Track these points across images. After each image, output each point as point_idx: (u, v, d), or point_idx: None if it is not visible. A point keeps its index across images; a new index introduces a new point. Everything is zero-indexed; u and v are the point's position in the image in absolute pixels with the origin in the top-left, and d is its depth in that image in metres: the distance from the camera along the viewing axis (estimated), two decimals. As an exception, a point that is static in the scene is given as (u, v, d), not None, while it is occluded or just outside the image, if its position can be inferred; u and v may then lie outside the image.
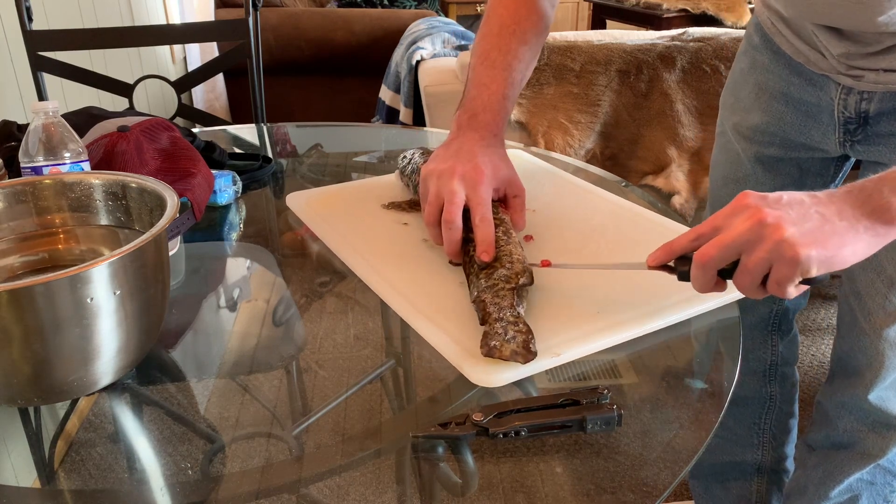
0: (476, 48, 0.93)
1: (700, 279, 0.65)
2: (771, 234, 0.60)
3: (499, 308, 0.67)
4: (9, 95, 1.59)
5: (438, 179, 0.80)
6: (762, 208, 0.62)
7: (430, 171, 0.82)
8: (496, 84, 0.89)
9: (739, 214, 0.63)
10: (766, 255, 0.61)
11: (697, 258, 0.64)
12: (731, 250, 0.63)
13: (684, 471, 0.56)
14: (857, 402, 1.04)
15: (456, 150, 0.84)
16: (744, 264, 0.62)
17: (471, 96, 0.90)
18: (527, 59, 0.93)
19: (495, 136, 0.87)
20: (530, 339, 0.64)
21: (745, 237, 0.61)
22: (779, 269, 0.61)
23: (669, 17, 3.28)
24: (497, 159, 0.84)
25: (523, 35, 0.92)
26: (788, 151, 1.04)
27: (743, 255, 0.62)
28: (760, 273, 0.62)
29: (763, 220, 0.61)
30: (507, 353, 0.63)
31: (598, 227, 0.90)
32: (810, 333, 2.16)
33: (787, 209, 0.62)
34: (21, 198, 0.72)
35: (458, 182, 0.79)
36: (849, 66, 0.90)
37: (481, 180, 0.79)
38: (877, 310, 0.98)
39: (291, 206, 0.99)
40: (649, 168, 2.04)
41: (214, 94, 3.14)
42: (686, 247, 0.67)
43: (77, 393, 0.63)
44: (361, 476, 0.56)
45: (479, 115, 0.88)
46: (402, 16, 3.09)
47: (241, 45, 1.65)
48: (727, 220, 0.64)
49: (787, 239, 0.60)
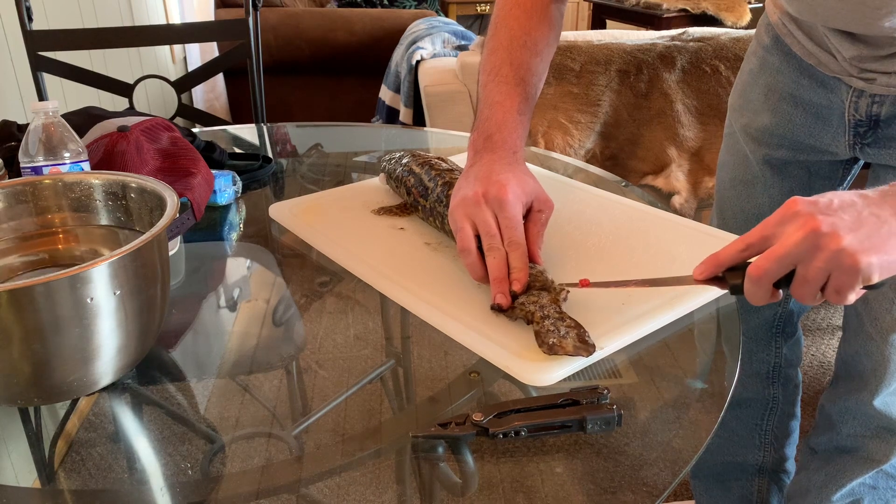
0: (486, 64, 0.89)
1: (756, 293, 0.62)
2: (828, 243, 0.58)
3: (541, 307, 0.67)
4: (9, 95, 1.59)
5: (466, 209, 0.76)
6: (815, 216, 0.59)
7: (457, 204, 0.77)
8: (509, 100, 0.84)
9: (791, 223, 0.60)
10: (825, 265, 0.58)
11: (752, 273, 0.61)
12: (787, 262, 0.60)
13: (684, 471, 0.56)
14: (862, 407, 1.03)
15: (475, 175, 0.79)
16: (801, 275, 0.60)
17: (483, 117, 0.85)
18: (539, 71, 0.89)
19: (514, 153, 0.82)
20: (584, 333, 0.64)
21: (800, 248, 0.59)
22: (838, 279, 0.59)
23: (669, 17, 3.28)
24: (521, 174, 0.79)
25: (534, 46, 0.88)
26: (797, 154, 1.03)
27: (800, 266, 0.60)
28: (819, 283, 0.60)
29: (817, 228, 0.58)
30: (571, 349, 0.63)
31: (625, 236, 0.87)
32: (812, 333, 2.16)
33: (840, 214, 0.59)
34: (21, 198, 0.72)
35: (486, 206, 0.74)
36: (860, 69, 0.89)
37: (507, 198, 0.74)
38: (883, 314, 0.97)
39: (275, 216, 0.96)
40: (649, 168, 2.04)
41: (214, 94, 3.14)
42: (734, 258, 0.64)
43: (77, 393, 0.63)
44: (361, 476, 0.56)
45: (494, 136, 0.83)
46: (402, 16, 3.09)
47: (241, 45, 1.65)
48: (778, 229, 0.61)
49: (845, 248, 0.57)
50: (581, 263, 0.80)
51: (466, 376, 0.67)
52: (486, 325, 0.70)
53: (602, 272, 0.78)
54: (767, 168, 1.06)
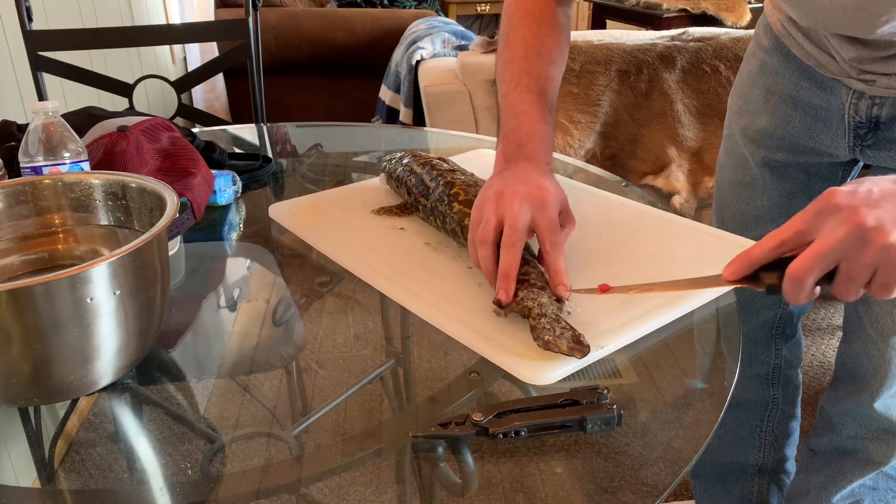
0: (504, 74, 0.87)
1: (797, 294, 0.59)
2: (875, 238, 0.55)
3: (539, 304, 0.67)
4: (9, 95, 1.59)
5: (498, 201, 0.73)
6: (859, 209, 0.56)
7: (487, 197, 0.75)
8: (535, 110, 0.83)
9: (831, 217, 0.57)
10: (872, 260, 0.56)
11: (794, 273, 0.58)
12: (831, 259, 0.57)
13: (684, 471, 0.56)
14: (862, 409, 1.03)
15: (512, 177, 0.77)
16: (846, 272, 0.57)
17: (511, 126, 0.84)
18: (556, 79, 0.88)
19: (547, 164, 0.81)
20: (578, 334, 0.64)
21: (845, 244, 0.56)
22: (886, 274, 0.57)
23: (669, 17, 3.28)
24: (557, 186, 0.78)
25: (549, 54, 0.88)
26: (797, 156, 1.03)
27: (843, 263, 0.57)
28: (865, 279, 0.57)
29: (862, 223, 0.55)
30: (565, 349, 0.63)
31: (626, 237, 0.87)
32: (812, 334, 2.16)
33: (885, 205, 0.56)
34: (21, 198, 0.72)
35: (522, 203, 0.72)
36: (860, 71, 0.89)
37: (548, 201, 0.73)
38: (884, 316, 0.97)
39: (275, 216, 0.96)
40: (649, 168, 2.04)
41: (214, 94, 3.14)
42: (768, 255, 0.61)
43: (77, 393, 0.63)
44: (361, 476, 0.56)
45: (525, 146, 0.81)
46: (402, 16, 3.09)
47: (241, 45, 1.65)
48: (816, 223, 0.58)
49: (894, 243, 0.55)
50: (581, 264, 0.80)
51: (466, 376, 0.67)
52: (487, 325, 0.70)
53: (602, 272, 0.78)
54: (767, 170, 1.06)
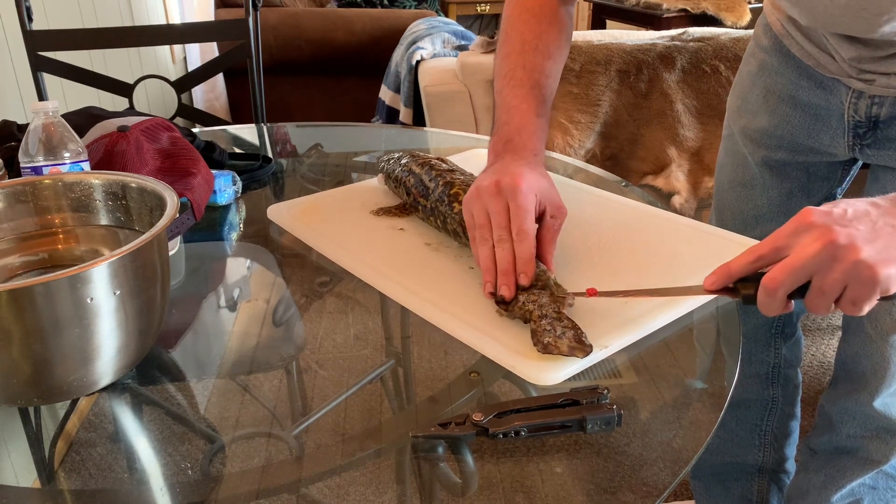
0: (499, 69, 0.89)
1: (769, 305, 0.61)
2: (845, 255, 0.57)
3: (540, 306, 0.67)
4: (9, 95, 1.59)
5: (481, 198, 0.76)
6: (832, 227, 0.58)
7: (472, 194, 0.77)
8: (526, 104, 0.85)
9: (805, 234, 0.59)
10: (842, 276, 0.58)
11: (767, 284, 0.60)
12: (803, 274, 0.59)
13: (684, 471, 0.56)
14: (862, 408, 1.03)
15: (492, 171, 0.79)
16: (817, 287, 0.59)
17: (502, 121, 0.85)
18: (553, 73, 0.89)
19: (535, 155, 0.82)
20: (581, 333, 0.64)
21: (817, 259, 0.58)
22: (855, 290, 0.58)
23: (669, 17, 3.28)
24: (538, 174, 0.79)
25: (546, 50, 0.88)
26: (796, 155, 1.03)
27: (815, 277, 0.59)
28: (835, 295, 0.59)
29: (835, 240, 0.57)
30: (566, 349, 0.63)
31: (626, 236, 0.86)
32: (812, 333, 2.16)
33: (856, 225, 0.59)
34: (21, 198, 0.72)
35: (497, 196, 0.74)
36: (860, 70, 0.89)
37: (520, 187, 0.74)
38: (883, 316, 0.97)
39: (273, 217, 0.96)
40: (649, 168, 2.04)
41: (214, 94, 3.14)
42: (745, 269, 0.63)
43: (77, 393, 0.63)
44: (361, 476, 0.56)
45: (514, 139, 0.83)
46: (402, 16, 3.09)
47: (241, 45, 1.65)
48: (791, 240, 0.60)
49: (863, 260, 0.57)
50: (581, 264, 0.80)
51: (466, 376, 0.67)
52: (488, 325, 0.70)
53: (602, 272, 0.78)
54: (766, 170, 1.06)
